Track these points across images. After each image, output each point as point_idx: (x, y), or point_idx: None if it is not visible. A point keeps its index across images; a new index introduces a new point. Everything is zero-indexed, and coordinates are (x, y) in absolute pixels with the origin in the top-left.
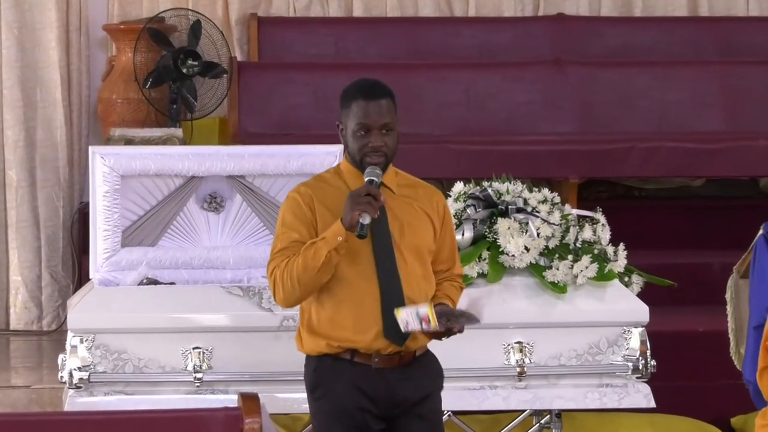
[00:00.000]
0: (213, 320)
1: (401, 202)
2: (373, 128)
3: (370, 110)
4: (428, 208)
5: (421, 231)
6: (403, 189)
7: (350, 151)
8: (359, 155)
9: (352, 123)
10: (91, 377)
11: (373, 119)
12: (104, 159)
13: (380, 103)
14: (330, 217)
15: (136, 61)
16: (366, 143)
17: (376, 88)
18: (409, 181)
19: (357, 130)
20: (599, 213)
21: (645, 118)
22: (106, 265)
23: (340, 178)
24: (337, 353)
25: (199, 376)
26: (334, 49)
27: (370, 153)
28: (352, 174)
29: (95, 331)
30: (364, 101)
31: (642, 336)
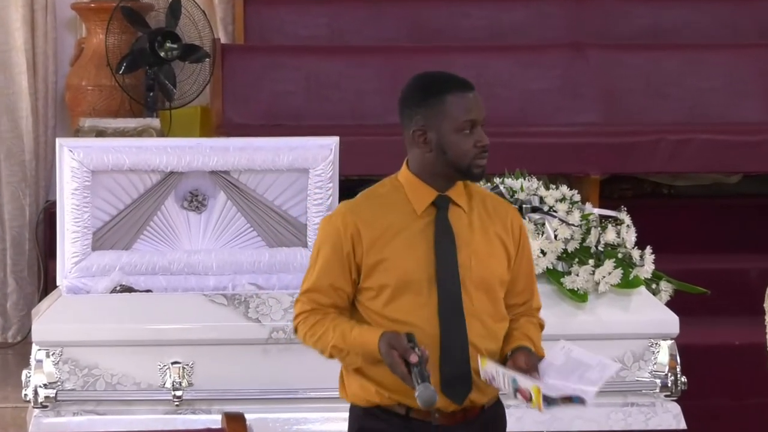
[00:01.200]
0: (194, 332)
1: (470, 223)
2: (479, 123)
3: (472, 103)
4: (501, 229)
5: (492, 261)
6: (475, 206)
7: (450, 156)
8: (468, 159)
9: (451, 121)
10: (59, 395)
11: (478, 113)
12: (73, 152)
13: (477, 95)
14: (383, 245)
15: (109, 44)
16: (474, 142)
17: (467, 80)
18: (477, 192)
19: (462, 128)
20: (624, 213)
21: (675, 108)
22: (75, 271)
23: (399, 192)
24: (389, 405)
25: (178, 394)
26: (329, 31)
27: (482, 154)
28: (418, 188)
29: (63, 344)
30: (463, 92)
31: (671, 350)
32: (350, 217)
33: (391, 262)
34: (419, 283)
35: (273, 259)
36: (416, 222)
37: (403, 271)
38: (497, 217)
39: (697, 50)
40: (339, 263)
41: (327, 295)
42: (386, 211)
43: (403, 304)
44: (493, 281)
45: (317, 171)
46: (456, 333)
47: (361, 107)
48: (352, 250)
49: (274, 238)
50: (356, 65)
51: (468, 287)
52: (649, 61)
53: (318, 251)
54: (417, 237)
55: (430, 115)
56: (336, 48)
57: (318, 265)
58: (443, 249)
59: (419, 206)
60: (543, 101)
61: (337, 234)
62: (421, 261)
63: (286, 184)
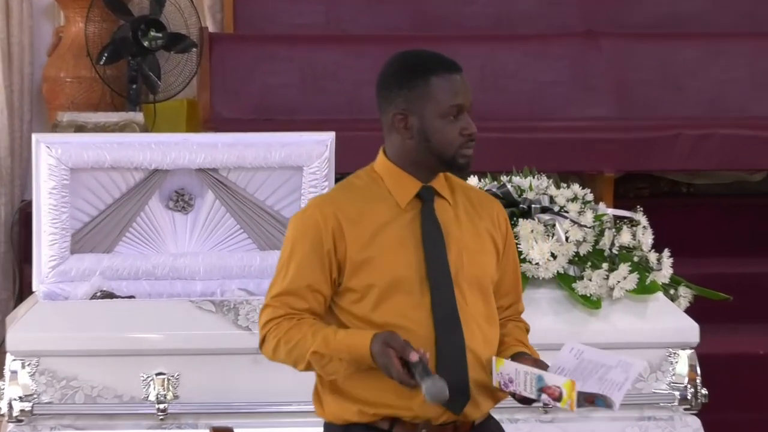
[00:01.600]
0: (180, 341)
1: (457, 217)
2: (465, 109)
3: (459, 86)
4: (489, 223)
5: (483, 258)
6: (459, 199)
7: (433, 144)
8: (453, 148)
9: (435, 105)
10: (35, 409)
11: (465, 97)
12: (50, 149)
13: (464, 78)
14: (369, 241)
15: (89, 33)
16: (460, 130)
17: (454, 61)
18: (459, 184)
19: (448, 113)
20: (640, 213)
21: (694, 101)
22: (53, 275)
23: (377, 184)
24: (372, 422)
25: (162, 407)
26: (325, 19)
27: (468, 144)
28: (399, 179)
29: (39, 354)
30: (449, 74)
31: (691, 360)
32: (330, 209)
33: (378, 260)
34: (411, 283)
35: (264, 262)
36: (401, 216)
37: (392, 269)
38: (483, 211)
39: (717, 39)
40: (318, 261)
41: (303, 298)
42: (367, 203)
43: (393, 306)
44: (485, 280)
45: (312, 169)
46: (453, 336)
47: (359, 100)
48: (334, 246)
49: (266, 240)
50: (354, 55)
51: (461, 287)
52: (666, 50)
53: (291, 249)
54: (403, 232)
55: (413, 97)
56: (332, 37)
57: (293, 265)
58: (433, 245)
59: (402, 199)
60: (553, 94)
61: (315, 228)
62: (411, 258)
63: (278, 182)
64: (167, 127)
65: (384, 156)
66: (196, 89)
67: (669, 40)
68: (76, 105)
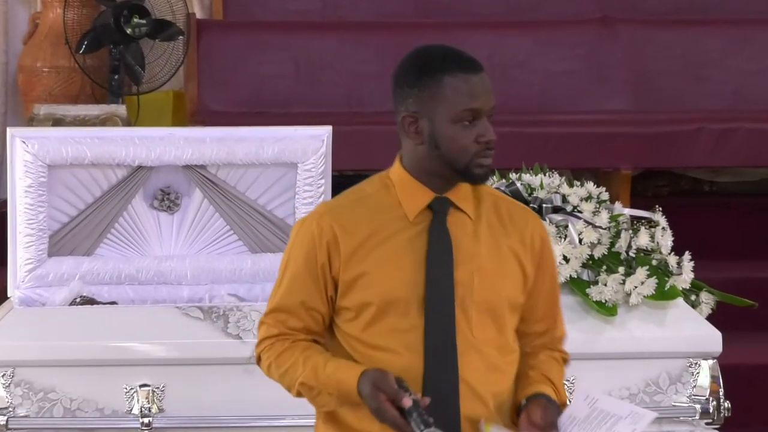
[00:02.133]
0: (165, 350)
1: (476, 233)
2: (483, 113)
3: (477, 88)
4: (517, 242)
5: (501, 281)
6: (485, 213)
7: (444, 152)
8: (466, 157)
9: (446, 108)
10: (10, 422)
11: (483, 100)
12: (26, 144)
13: (485, 78)
14: (364, 256)
15: (67, 19)
16: (475, 137)
17: (474, 59)
18: (493, 198)
19: (461, 118)
20: (658, 213)
21: (717, 93)
22: (29, 280)
23: (388, 192)
24: None
25: (147, 422)
26: (321, 5)
27: (485, 152)
28: (411, 188)
29: (15, 364)
30: (466, 74)
31: (713, 370)
32: (328, 220)
33: (372, 276)
34: (405, 304)
35: (256, 266)
36: (407, 229)
37: (386, 288)
38: (513, 227)
39: (742, 27)
40: (312, 277)
41: (297, 316)
42: (372, 214)
43: (385, 327)
44: (500, 305)
45: (307, 165)
46: (444, 367)
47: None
48: (328, 260)
49: (258, 242)
50: (352, 44)
51: (468, 311)
52: (688, 38)
53: (287, 261)
54: (405, 247)
55: (423, 98)
56: (329, 24)
57: (286, 279)
58: (436, 262)
59: (411, 210)
60: (566, 85)
61: (310, 240)
62: (408, 276)
63: (271, 180)
64: (152, 121)
65: (399, 163)
66: (182, 80)
67: (690, 27)
68: (54, 97)
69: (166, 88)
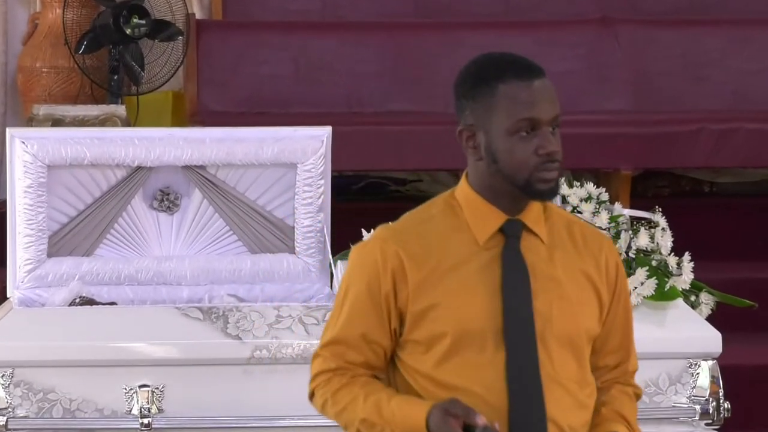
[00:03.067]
0: (165, 350)
1: (551, 258)
2: (543, 123)
3: (535, 95)
4: (592, 268)
5: (581, 310)
6: (557, 236)
7: (502, 166)
8: (526, 171)
9: (501, 119)
10: (9, 423)
11: (542, 108)
12: (26, 144)
13: (545, 85)
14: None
15: (67, 19)
16: (534, 149)
17: (531, 64)
18: (564, 220)
19: (517, 129)
20: (658, 214)
21: (717, 93)
22: (29, 280)
23: (455, 214)
24: None
25: (146, 422)
26: (321, 5)
27: (546, 165)
28: (479, 209)
29: (14, 365)
30: (521, 81)
31: (713, 371)
32: (392, 245)
33: (444, 308)
34: (483, 337)
35: (256, 267)
36: (478, 255)
37: (460, 319)
38: (587, 252)
39: (741, 26)
40: (374, 307)
41: (357, 349)
42: (439, 239)
43: (460, 363)
44: (580, 336)
45: (306, 166)
46: (530, 404)
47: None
48: (393, 290)
49: (257, 242)
50: (352, 44)
51: (548, 343)
52: (688, 38)
53: (346, 290)
54: (478, 275)
55: (478, 109)
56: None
57: (346, 309)
58: (514, 291)
59: (482, 234)
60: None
61: (373, 267)
62: (483, 306)
63: (270, 180)
64: (151, 121)
65: (465, 181)
66: (182, 80)
67: (691, 27)
68: (53, 97)
69: (166, 89)
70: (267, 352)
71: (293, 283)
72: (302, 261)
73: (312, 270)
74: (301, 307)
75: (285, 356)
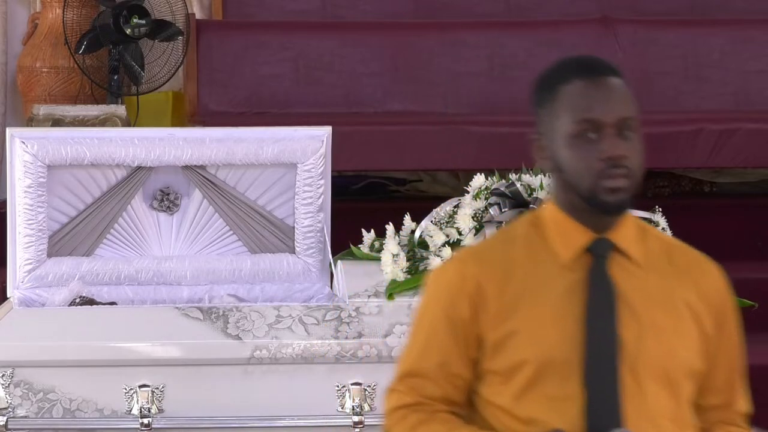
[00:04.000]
0: (165, 350)
1: (645, 283)
2: (606, 125)
3: (598, 94)
4: (694, 296)
5: (678, 342)
6: (654, 259)
7: (566, 176)
8: (588, 180)
9: (562, 123)
10: (9, 423)
11: (603, 110)
12: (26, 144)
13: (611, 84)
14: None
15: (67, 19)
16: (594, 155)
17: (598, 62)
18: (663, 243)
19: (578, 132)
20: (658, 214)
21: (717, 93)
22: (29, 280)
23: (539, 234)
24: None
25: (146, 422)
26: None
27: (610, 171)
28: (563, 227)
29: (14, 364)
30: (583, 80)
31: None
32: (472, 267)
33: (525, 335)
34: (568, 367)
35: (256, 267)
36: (563, 277)
37: (542, 347)
38: (689, 278)
39: (742, 27)
40: (452, 335)
41: (435, 382)
42: (522, 260)
43: (542, 395)
44: (676, 370)
45: (306, 166)
46: None
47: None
48: (472, 315)
49: (257, 243)
50: (352, 44)
51: (640, 377)
52: (689, 39)
53: (421, 316)
54: (562, 298)
55: (545, 115)
56: (329, 24)
57: (421, 337)
58: (598, 318)
59: (566, 253)
60: None
61: (449, 291)
62: (568, 333)
63: (270, 180)
64: (151, 121)
65: (551, 197)
66: (182, 80)
67: (691, 27)
68: (53, 97)
69: (166, 89)
70: (267, 352)
71: (293, 283)
72: (302, 261)
73: (312, 270)
74: (301, 307)
75: (285, 356)
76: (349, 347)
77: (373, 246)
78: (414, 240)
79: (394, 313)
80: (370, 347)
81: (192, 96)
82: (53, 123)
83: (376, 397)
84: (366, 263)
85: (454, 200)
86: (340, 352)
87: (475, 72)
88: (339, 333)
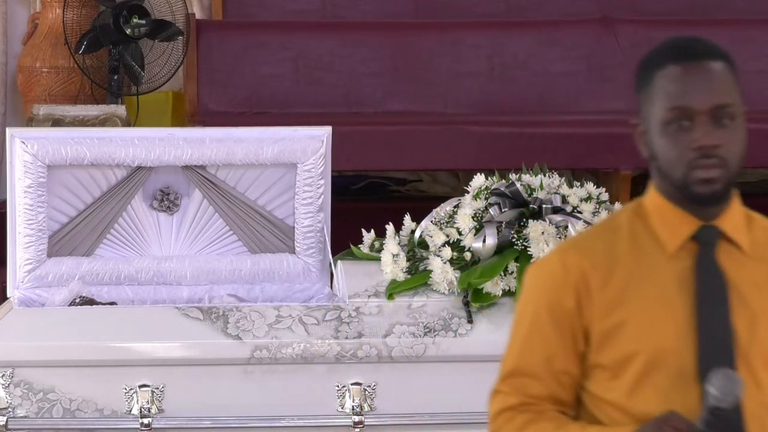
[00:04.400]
0: (165, 350)
1: (753, 272)
2: (699, 113)
3: (690, 81)
4: None
5: None
6: (761, 247)
7: (660, 164)
8: (679, 169)
9: (657, 109)
10: (9, 423)
11: (696, 96)
12: (26, 144)
13: (707, 68)
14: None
15: (67, 19)
16: (686, 144)
17: (697, 45)
18: (765, 230)
19: (669, 120)
20: None
21: None
22: (29, 280)
23: (643, 222)
24: None
25: (146, 422)
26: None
27: (700, 161)
28: (668, 215)
29: (14, 365)
30: (677, 65)
31: None
32: (574, 258)
33: (634, 325)
34: (681, 359)
35: (256, 267)
36: (669, 266)
37: (653, 338)
38: None
39: (742, 27)
40: (556, 328)
41: (541, 380)
42: (626, 249)
43: (656, 389)
44: None
45: (306, 166)
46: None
47: (357, 93)
48: (577, 307)
49: (257, 243)
50: (352, 44)
51: (753, 366)
52: None
53: (523, 311)
54: (671, 288)
55: (643, 101)
56: (329, 24)
57: (524, 333)
58: (710, 306)
59: (671, 242)
60: (566, 85)
61: (553, 283)
62: (679, 323)
63: (270, 180)
64: (151, 121)
65: (654, 186)
66: (182, 80)
67: (692, 27)
68: (53, 97)
69: (166, 89)
70: (267, 352)
71: (293, 283)
72: (302, 261)
73: (312, 270)
74: (301, 307)
75: (285, 356)
76: (349, 347)
77: (373, 246)
78: (414, 240)
79: (394, 313)
80: (370, 347)
81: (192, 96)
82: (53, 123)
83: (375, 397)
84: (366, 263)
85: (454, 200)
86: (340, 352)
87: (475, 72)
88: (339, 333)
